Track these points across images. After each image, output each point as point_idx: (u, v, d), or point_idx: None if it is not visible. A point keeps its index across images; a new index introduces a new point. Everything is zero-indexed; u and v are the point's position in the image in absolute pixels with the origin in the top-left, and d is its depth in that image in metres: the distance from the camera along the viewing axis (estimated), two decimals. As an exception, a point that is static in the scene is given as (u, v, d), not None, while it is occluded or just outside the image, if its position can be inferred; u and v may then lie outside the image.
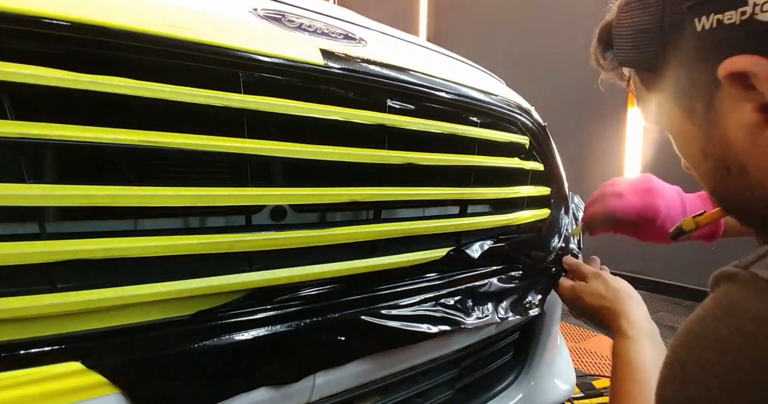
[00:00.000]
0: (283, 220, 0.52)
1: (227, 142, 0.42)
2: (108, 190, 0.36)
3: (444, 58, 0.80)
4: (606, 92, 2.39)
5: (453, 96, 0.64)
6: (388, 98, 0.56)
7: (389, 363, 0.58)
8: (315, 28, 0.55)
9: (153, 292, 0.39)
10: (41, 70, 0.34)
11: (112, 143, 0.36)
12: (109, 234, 0.38)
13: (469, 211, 0.69)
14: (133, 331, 0.39)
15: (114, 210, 0.40)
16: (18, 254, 0.33)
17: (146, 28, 0.38)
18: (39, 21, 0.34)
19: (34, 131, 0.33)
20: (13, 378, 0.33)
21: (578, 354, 1.87)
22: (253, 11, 0.51)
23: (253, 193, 0.44)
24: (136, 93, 0.37)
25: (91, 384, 0.36)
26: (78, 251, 0.35)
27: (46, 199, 0.34)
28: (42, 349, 0.35)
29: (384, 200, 0.55)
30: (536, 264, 0.78)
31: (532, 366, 0.87)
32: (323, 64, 0.49)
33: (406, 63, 0.60)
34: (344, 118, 0.50)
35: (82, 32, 0.36)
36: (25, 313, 0.34)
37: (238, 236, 0.43)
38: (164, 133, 0.38)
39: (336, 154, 0.49)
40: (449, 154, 0.62)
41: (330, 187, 0.49)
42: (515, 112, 0.76)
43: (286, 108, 0.45)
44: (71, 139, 0.35)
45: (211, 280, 0.42)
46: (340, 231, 0.50)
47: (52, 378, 0.35)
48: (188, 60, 0.41)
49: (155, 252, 0.39)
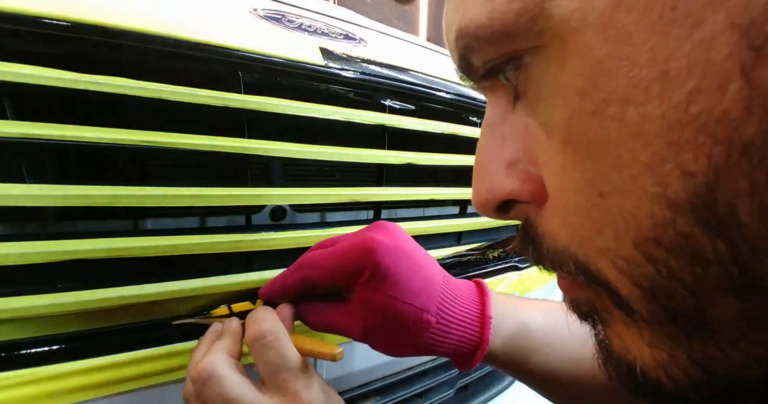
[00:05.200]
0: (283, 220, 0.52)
1: (227, 142, 0.42)
2: (108, 190, 0.36)
3: (444, 59, 0.80)
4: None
5: (453, 96, 0.64)
6: (388, 98, 0.56)
7: (389, 363, 0.58)
8: (315, 28, 0.55)
9: (153, 292, 0.39)
10: (41, 70, 0.34)
11: (112, 143, 0.36)
12: (109, 234, 0.38)
13: (469, 211, 0.69)
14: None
15: (114, 210, 0.40)
16: (18, 254, 0.33)
17: (146, 28, 0.38)
18: (39, 21, 0.34)
19: (34, 131, 0.33)
20: (13, 378, 0.33)
21: (578, 354, 1.86)
22: (253, 11, 0.51)
23: (253, 193, 0.44)
24: (136, 93, 0.37)
25: (91, 384, 0.36)
26: (78, 251, 0.35)
27: (46, 199, 0.34)
28: (42, 349, 0.35)
29: (384, 200, 0.55)
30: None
31: (532, 366, 0.87)
32: (323, 64, 0.49)
33: (406, 63, 0.60)
34: (344, 118, 0.50)
35: (82, 32, 0.36)
36: (25, 313, 0.34)
37: (238, 236, 0.43)
38: (164, 133, 0.39)
39: (336, 154, 0.49)
40: (449, 154, 0.62)
41: (330, 187, 0.49)
42: (515, 112, 0.76)
43: (286, 108, 0.45)
44: (71, 139, 0.35)
45: (211, 280, 0.42)
46: (340, 232, 0.50)
47: (52, 378, 0.35)
48: (188, 60, 0.41)
49: (155, 252, 0.39)
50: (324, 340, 0.39)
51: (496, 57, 0.20)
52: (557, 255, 0.21)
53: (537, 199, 0.21)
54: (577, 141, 0.18)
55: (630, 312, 0.19)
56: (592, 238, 0.18)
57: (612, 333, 0.22)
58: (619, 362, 0.21)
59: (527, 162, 0.21)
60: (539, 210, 0.22)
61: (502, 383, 0.81)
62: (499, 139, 0.22)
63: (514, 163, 0.22)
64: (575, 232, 0.19)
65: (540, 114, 0.20)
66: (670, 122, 0.15)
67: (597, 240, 0.18)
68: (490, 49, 0.20)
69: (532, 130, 0.21)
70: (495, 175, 0.22)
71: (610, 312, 0.21)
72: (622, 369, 0.21)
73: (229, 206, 0.43)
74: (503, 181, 0.22)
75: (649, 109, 0.15)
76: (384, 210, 0.57)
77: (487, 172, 0.23)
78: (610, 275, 0.18)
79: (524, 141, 0.21)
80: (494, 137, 0.23)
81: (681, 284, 0.17)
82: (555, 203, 0.20)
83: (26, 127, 0.33)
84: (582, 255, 0.19)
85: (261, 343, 0.35)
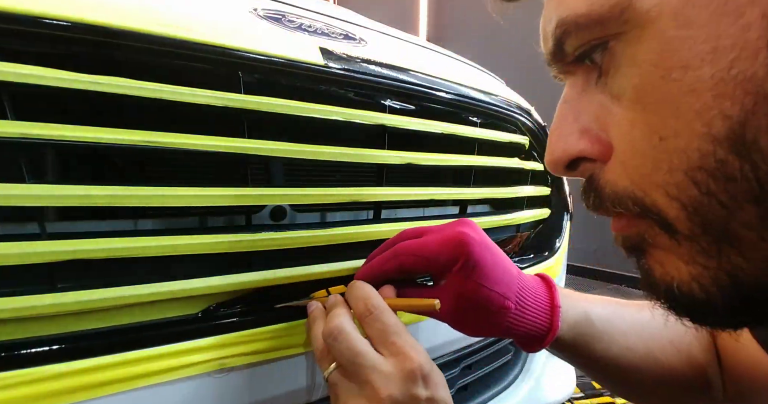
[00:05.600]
0: (283, 220, 0.52)
1: (227, 142, 0.42)
2: (108, 190, 0.36)
3: (444, 58, 0.80)
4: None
5: (453, 96, 0.64)
6: (388, 98, 0.56)
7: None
8: (315, 28, 0.55)
9: (153, 292, 0.39)
10: (41, 70, 0.34)
11: (113, 143, 0.36)
12: (109, 234, 0.38)
13: (469, 211, 0.69)
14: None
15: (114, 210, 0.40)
16: (18, 254, 0.33)
17: (146, 28, 0.38)
18: (39, 21, 0.34)
19: (34, 131, 0.33)
20: (13, 378, 0.33)
21: (578, 354, 1.86)
22: (253, 11, 0.51)
23: (253, 193, 0.44)
24: (136, 93, 0.37)
25: (91, 384, 0.36)
26: (78, 251, 0.35)
27: (46, 199, 0.34)
28: (42, 349, 0.35)
29: (384, 200, 0.55)
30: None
31: (532, 366, 0.87)
32: (323, 64, 0.49)
33: (406, 63, 0.60)
34: (344, 118, 0.50)
35: (82, 32, 0.36)
36: (25, 313, 0.34)
37: (238, 236, 0.43)
38: (164, 133, 0.39)
39: (336, 154, 0.49)
40: (449, 154, 0.62)
41: (330, 187, 0.49)
42: (515, 112, 0.76)
43: (286, 108, 0.45)
44: (71, 139, 0.35)
45: (211, 280, 0.42)
46: (340, 231, 0.50)
47: (52, 378, 0.35)
48: (188, 60, 0.41)
49: (155, 252, 0.39)
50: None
51: (586, 42, 0.26)
52: (617, 197, 0.27)
53: (603, 157, 0.28)
54: (645, 100, 0.24)
55: (673, 234, 0.25)
56: (650, 175, 0.25)
57: (654, 262, 0.28)
58: (659, 285, 0.28)
59: (598, 129, 0.28)
60: (603, 167, 0.28)
61: (502, 383, 0.81)
62: (574, 112, 0.29)
63: (586, 131, 0.28)
64: (636, 173, 0.26)
65: (614, 87, 0.26)
66: (716, 81, 0.22)
67: (654, 176, 0.25)
68: (584, 33, 0.26)
69: (604, 104, 0.27)
70: (569, 138, 0.29)
71: (656, 240, 0.27)
72: (661, 290, 0.27)
73: (229, 206, 0.43)
74: (576, 143, 0.28)
75: (702, 73, 0.22)
76: (384, 210, 0.57)
77: (563, 136, 0.29)
78: (662, 202, 0.25)
79: (596, 113, 0.28)
80: (570, 110, 0.29)
81: (716, 200, 0.23)
82: (621, 155, 0.27)
83: (26, 127, 0.33)
84: (639, 191, 0.26)
85: (372, 316, 0.41)
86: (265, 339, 0.45)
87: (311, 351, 0.44)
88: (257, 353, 0.45)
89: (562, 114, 0.29)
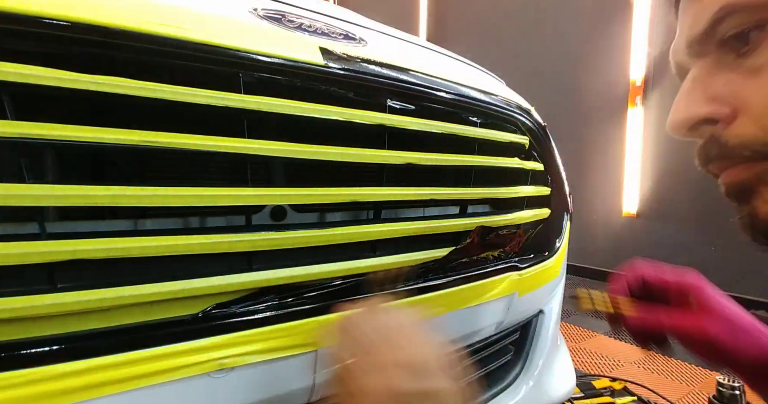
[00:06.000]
0: (283, 220, 0.52)
1: (227, 142, 0.42)
2: (108, 190, 0.36)
3: (444, 58, 0.80)
4: (606, 92, 2.41)
5: (453, 96, 0.64)
6: (388, 98, 0.56)
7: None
8: (315, 28, 0.55)
9: (153, 292, 0.39)
10: (41, 70, 0.34)
11: (113, 143, 0.36)
12: (109, 234, 0.38)
13: (469, 211, 0.69)
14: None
15: (114, 210, 0.40)
16: (18, 254, 0.33)
17: (146, 28, 0.38)
18: (39, 21, 0.34)
19: (34, 131, 0.33)
20: (13, 378, 0.33)
21: (578, 354, 1.87)
22: (253, 11, 0.51)
23: (253, 193, 0.44)
24: (136, 93, 0.37)
25: (91, 384, 0.36)
26: (78, 251, 0.35)
27: (46, 199, 0.34)
28: (42, 349, 0.35)
29: (384, 200, 0.55)
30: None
31: (531, 366, 0.87)
32: (323, 64, 0.49)
33: (406, 63, 0.60)
34: (344, 118, 0.50)
35: (82, 32, 0.36)
36: (25, 313, 0.34)
37: (238, 236, 0.43)
38: (164, 133, 0.39)
39: (336, 154, 0.49)
40: (449, 154, 0.62)
41: (330, 187, 0.49)
42: (515, 112, 0.76)
43: (286, 108, 0.45)
44: (71, 139, 0.35)
45: (211, 280, 0.42)
46: (340, 231, 0.50)
47: (52, 378, 0.35)
48: (188, 60, 0.41)
49: (155, 252, 0.39)
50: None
51: (744, 22, 0.31)
52: (746, 144, 0.32)
53: (728, 118, 0.33)
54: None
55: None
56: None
57: (762, 202, 0.33)
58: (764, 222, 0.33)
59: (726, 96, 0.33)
60: (726, 127, 0.33)
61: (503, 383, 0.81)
62: (702, 86, 0.34)
63: (714, 98, 0.33)
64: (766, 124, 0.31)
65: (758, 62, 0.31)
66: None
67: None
68: (744, 15, 0.31)
69: (733, 79, 0.33)
70: (698, 104, 0.34)
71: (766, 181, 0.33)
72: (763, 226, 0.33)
73: (230, 206, 0.43)
74: (704, 107, 0.34)
75: None
76: (384, 210, 0.57)
77: (692, 102, 0.34)
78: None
79: (725, 85, 0.33)
80: (698, 85, 0.34)
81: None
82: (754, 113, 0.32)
83: (26, 127, 0.33)
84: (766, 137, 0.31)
85: None
86: (265, 340, 0.45)
87: (311, 351, 0.44)
88: (257, 353, 0.44)
89: (690, 88, 0.35)
